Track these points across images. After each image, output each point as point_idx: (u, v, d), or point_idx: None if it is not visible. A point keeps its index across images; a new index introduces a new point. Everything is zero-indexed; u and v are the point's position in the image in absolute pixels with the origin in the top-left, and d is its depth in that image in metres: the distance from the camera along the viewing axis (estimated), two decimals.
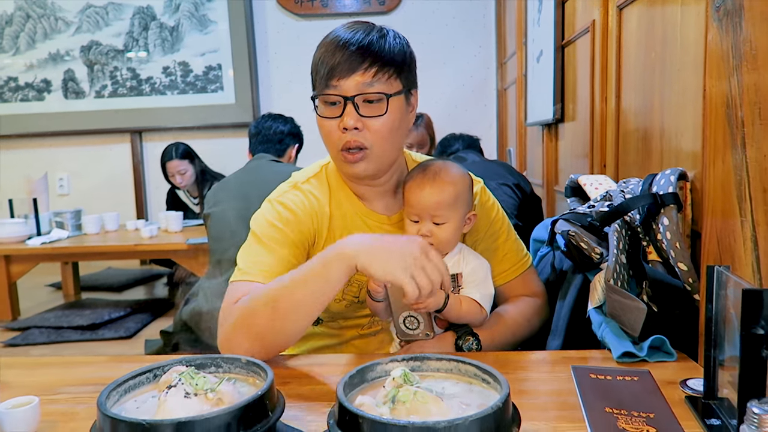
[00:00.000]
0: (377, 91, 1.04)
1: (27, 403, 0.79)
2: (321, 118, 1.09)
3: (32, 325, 3.19)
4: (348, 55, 1.03)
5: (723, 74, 0.89)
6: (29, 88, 4.66)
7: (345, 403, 0.62)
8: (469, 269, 1.12)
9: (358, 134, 1.05)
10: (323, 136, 1.11)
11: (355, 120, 1.04)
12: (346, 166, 1.10)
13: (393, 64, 1.06)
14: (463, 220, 1.12)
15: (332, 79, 1.04)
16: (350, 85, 1.04)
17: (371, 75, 1.04)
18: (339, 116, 1.06)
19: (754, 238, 0.82)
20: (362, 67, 1.03)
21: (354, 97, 1.04)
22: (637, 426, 0.76)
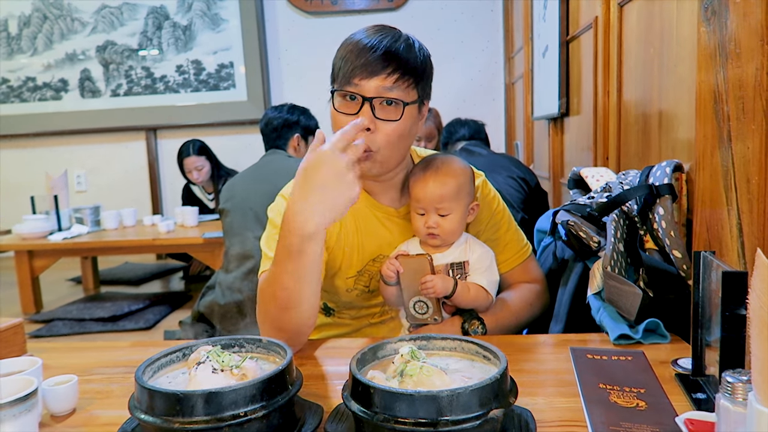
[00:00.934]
0: (396, 96, 1.08)
1: (67, 381, 0.87)
2: (336, 112, 1.12)
3: (55, 317, 3.29)
4: (373, 59, 1.07)
5: (711, 71, 0.94)
6: (47, 88, 4.77)
7: (358, 376, 0.69)
8: (476, 257, 1.18)
9: (368, 135, 1.09)
10: (334, 129, 1.13)
11: (369, 120, 1.08)
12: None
13: (414, 73, 1.10)
14: (467, 211, 1.17)
15: (354, 78, 1.08)
16: (371, 87, 1.07)
17: (392, 80, 1.07)
18: (355, 113, 1.09)
19: (739, 226, 0.88)
20: (385, 72, 1.07)
21: (373, 98, 1.08)
22: (628, 400, 0.82)
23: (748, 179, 0.85)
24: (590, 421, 0.76)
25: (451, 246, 1.18)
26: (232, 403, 0.67)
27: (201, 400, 0.66)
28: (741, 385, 0.59)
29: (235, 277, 2.35)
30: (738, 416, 0.58)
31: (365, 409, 0.66)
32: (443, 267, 1.16)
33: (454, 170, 1.16)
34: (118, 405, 0.88)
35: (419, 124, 1.17)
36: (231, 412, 0.67)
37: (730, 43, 0.88)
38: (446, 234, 1.15)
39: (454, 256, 1.17)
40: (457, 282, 1.13)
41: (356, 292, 1.23)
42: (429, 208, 1.14)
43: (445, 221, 1.14)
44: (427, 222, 1.15)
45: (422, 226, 1.15)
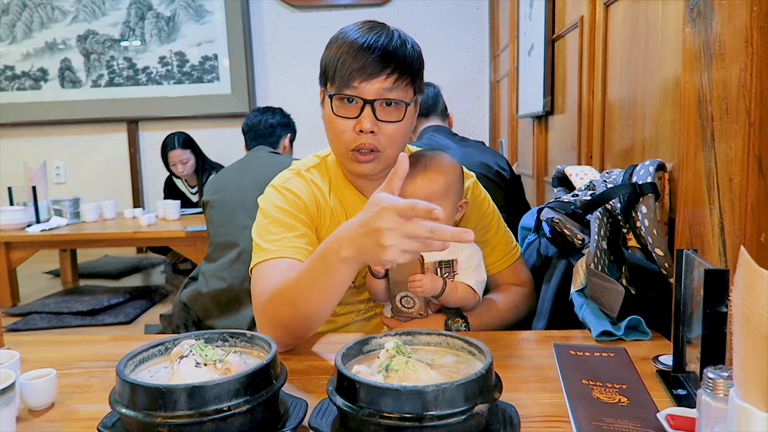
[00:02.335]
0: (397, 97, 1.07)
1: (45, 375, 0.85)
2: (334, 116, 1.09)
3: (33, 311, 3.24)
4: (372, 60, 1.05)
5: (695, 71, 0.95)
6: (26, 77, 4.68)
7: (343, 370, 0.68)
8: (464, 256, 1.18)
9: (372, 137, 1.08)
10: (333, 134, 1.11)
11: (372, 123, 1.07)
12: (354, 165, 1.12)
13: (411, 71, 1.09)
14: (455, 209, 1.17)
15: (354, 80, 1.05)
16: (372, 89, 1.06)
17: (392, 81, 1.06)
18: (355, 117, 1.08)
19: (721, 224, 0.89)
20: (385, 73, 1.06)
21: (374, 101, 1.06)
22: (610, 395, 0.83)
23: (731, 179, 0.86)
24: (573, 417, 0.76)
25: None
26: (215, 398, 0.66)
27: (184, 394, 0.65)
28: (722, 381, 0.60)
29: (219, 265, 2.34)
30: (719, 412, 0.59)
31: (350, 404, 0.66)
32: (431, 265, 1.16)
33: (443, 168, 1.15)
34: (98, 399, 0.87)
35: (415, 117, 1.17)
36: (214, 407, 0.66)
37: (715, 44, 0.89)
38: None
39: (442, 254, 1.17)
40: (446, 282, 1.13)
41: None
42: None
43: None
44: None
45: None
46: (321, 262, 0.90)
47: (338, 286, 0.92)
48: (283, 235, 1.11)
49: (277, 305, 0.99)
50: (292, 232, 1.12)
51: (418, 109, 1.18)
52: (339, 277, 0.90)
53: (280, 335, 0.99)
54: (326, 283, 0.91)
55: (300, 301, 0.95)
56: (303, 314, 0.97)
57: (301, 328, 1.00)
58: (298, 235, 1.11)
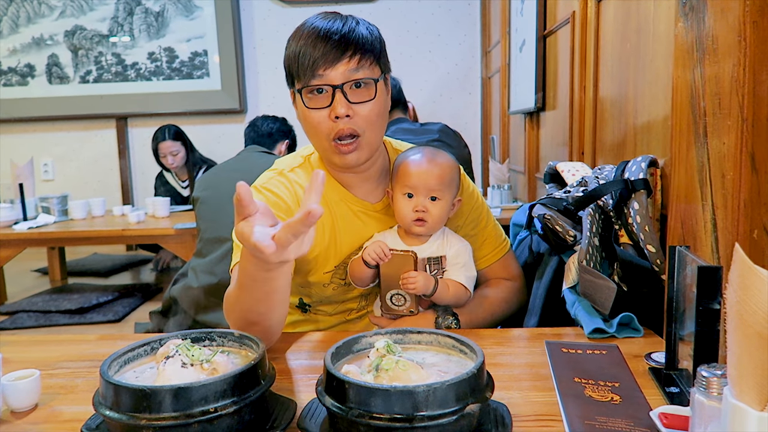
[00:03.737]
0: (364, 76, 1.07)
1: (28, 375, 0.84)
2: (308, 110, 1.08)
3: (20, 309, 3.21)
4: (331, 45, 1.04)
5: (688, 66, 0.95)
6: (12, 73, 4.62)
7: (332, 371, 0.67)
8: (453, 252, 1.17)
9: (349, 121, 1.07)
10: (310, 128, 1.10)
11: (345, 107, 1.06)
12: (338, 157, 1.11)
13: (372, 50, 1.09)
14: (452, 203, 1.17)
15: (318, 69, 1.05)
16: (338, 74, 1.05)
17: (356, 62, 1.06)
18: (328, 106, 1.07)
19: (714, 221, 0.88)
20: (347, 55, 1.05)
21: (342, 84, 1.06)
22: (603, 394, 0.82)
23: (723, 175, 0.86)
24: (565, 415, 0.75)
25: (429, 240, 1.17)
26: (201, 399, 0.65)
27: (169, 395, 0.64)
28: (716, 379, 0.59)
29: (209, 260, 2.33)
30: (713, 411, 0.58)
31: (339, 404, 0.65)
32: (420, 261, 1.15)
33: (449, 160, 1.17)
34: (82, 400, 0.85)
35: (389, 98, 1.17)
36: (200, 408, 0.65)
37: (708, 39, 0.89)
38: (433, 220, 1.13)
39: (431, 250, 1.16)
40: (437, 282, 1.12)
41: (333, 286, 1.21)
42: (421, 190, 1.12)
43: (434, 206, 1.13)
44: (417, 206, 1.12)
45: (410, 210, 1.12)
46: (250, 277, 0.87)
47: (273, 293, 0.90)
48: None
49: (231, 313, 0.98)
50: None
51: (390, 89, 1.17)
52: (268, 284, 0.87)
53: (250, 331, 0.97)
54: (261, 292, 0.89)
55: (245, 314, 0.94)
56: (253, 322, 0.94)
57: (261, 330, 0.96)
58: None
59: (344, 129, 1.07)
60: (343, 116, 1.06)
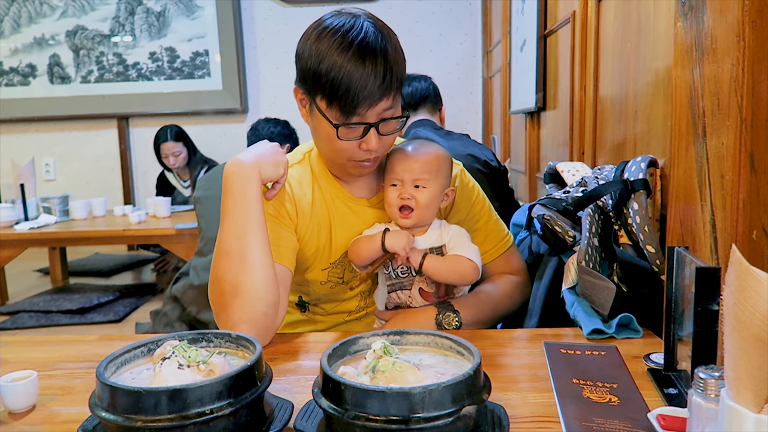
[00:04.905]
0: (396, 115, 1.09)
1: (26, 377, 0.84)
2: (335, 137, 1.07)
3: (21, 309, 3.21)
4: (375, 87, 1.02)
5: (687, 66, 0.94)
6: (14, 73, 4.63)
7: (328, 372, 0.67)
8: (450, 236, 1.18)
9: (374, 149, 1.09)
10: (333, 150, 1.11)
11: (377, 141, 1.08)
12: (354, 170, 1.14)
13: (401, 82, 1.09)
14: (442, 193, 1.16)
15: (359, 108, 1.03)
16: (375, 113, 1.05)
17: (391, 99, 1.06)
18: (359, 137, 1.07)
19: (713, 221, 0.88)
20: (387, 95, 1.04)
21: (378, 123, 1.06)
22: (601, 395, 0.82)
23: (722, 175, 0.85)
24: (563, 417, 0.75)
25: (428, 231, 1.17)
26: (197, 401, 0.65)
27: (165, 397, 0.64)
28: (713, 381, 0.59)
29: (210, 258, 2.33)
30: (710, 412, 0.58)
31: (336, 406, 0.65)
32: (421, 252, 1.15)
33: (436, 149, 1.18)
34: (80, 401, 0.85)
35: None
36: (196, 410, 0.64)
37: (707, 39, 0.88)
38: (420, 209, 1.13)
39: (431, 241, 1.16)
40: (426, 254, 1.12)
41: (330, 284, 1.22)
42: (406, 178, 1.13)
43: (419, 194, 1.13)
44: (402, 193, 1.13)
45: (396, 198, 1.13)
46: (229, 197, 1.05)
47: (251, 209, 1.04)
48: None
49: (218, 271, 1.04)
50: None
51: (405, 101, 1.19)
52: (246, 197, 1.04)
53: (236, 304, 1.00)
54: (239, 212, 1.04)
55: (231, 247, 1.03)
56: (241, 260, 1.01)
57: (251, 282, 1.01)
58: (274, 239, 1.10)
59: (370, 158, 1.11)
60: (373, 149, 1.08)
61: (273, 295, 1.03)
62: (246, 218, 1.03)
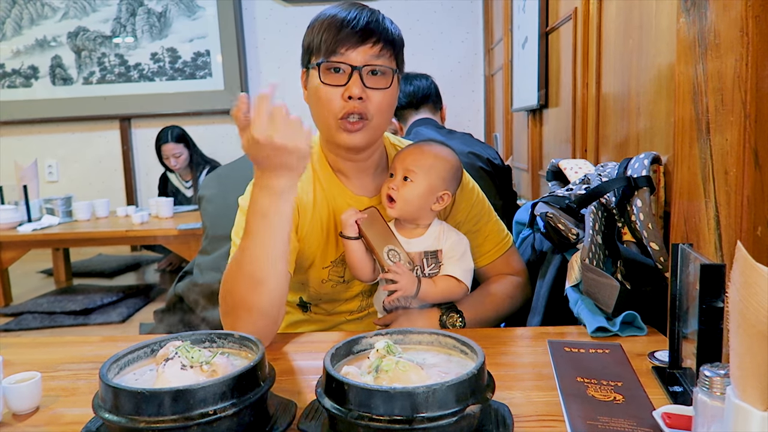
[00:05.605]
0: (383, 64, 1.09)
1: (29, 378, 0.83)
2: (322, 86, 1.08)
3: (25, 311, 3.22)
4: (357, 29, 1.06)
5: (690, 62, 0.94)
6: (16, 75, 4.64)
7: (332, 372, 0.67)
8: (449, 245, 1.17)
9: (361, 104, 1.08)
10: (321, 105, 1.10)
11: (360, 89, 1.07)
12: (342, 135, 1.10)
13: (394, 44, 1.11)
14: (432, 193, 1.15)
15: (341, 47, 1.06)
16: (358, 55, 1.07)
17: (378, 49, 1.08)
18: (343, 84, 1.07)
19: (717, 218, 0.88)
20: (370, 41, 1.07)
21: (362, 67, 1.07)
22: (606, 393, 0.81)
23: (726, 171, 0.85)
24: (567, 416, 0.75)
25: (426, 233, 1.16)
26: (201, 401, 0.64)
27: (168, 398, 0.64)
28: (719, 379, 0.58)
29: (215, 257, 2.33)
30: (716, 410, 0.58)
31: (339, 406, 0.64)
32: (417, 255, 1.15)
33: (439, 149, 1.18)
34: (83, 403, 0.85)
35: (397, 96, 1.17)
36: (200, 411, 0.64)
37: (710, 35, 0.88)
38: (401, 201, 1.13)
39: (427, 243, 1.15)
40: (420, 281, 1.12)
41: (331, 283, 1.21)
42: (398, 169, 1.15)
43: (405, 187, 1.14)
44: (390, 183, 1.15)
45: (385, 187, 1.15)
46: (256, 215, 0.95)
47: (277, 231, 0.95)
48: None
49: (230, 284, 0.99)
50: None
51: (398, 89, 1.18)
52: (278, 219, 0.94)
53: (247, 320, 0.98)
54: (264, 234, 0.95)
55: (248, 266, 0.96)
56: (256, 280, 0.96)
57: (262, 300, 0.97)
58: None
59: (355, 108, 1.08)
60: (356, 97, 1.07)
61: (282, 311, 1.03)
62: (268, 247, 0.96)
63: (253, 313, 0.98)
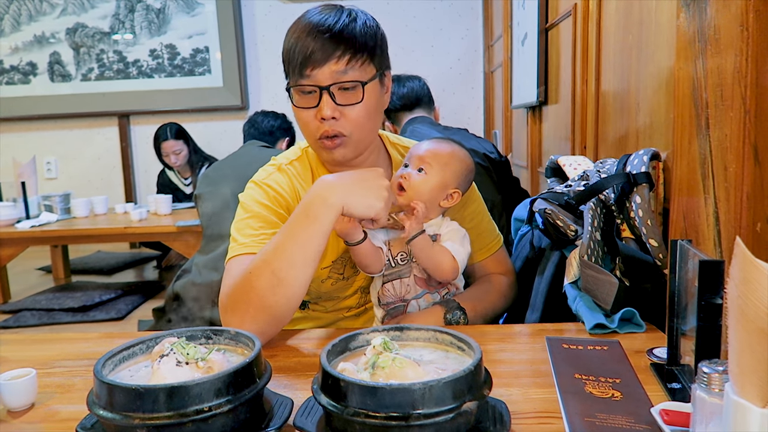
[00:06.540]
0: (352, 79, 1.05)
1: (25, 375, 0.83)
2: (297, 109, 1.09)
3: (23, 308, 3.21)
4: (321, 43, 1.03)
5: (690, 58, 0.93)
6: (15, 71, 4.63)
7: (328, 368, 0.66)
8: (448, 230, 1.17)
9: (335, 123, 1.06)
10: (301, 125, 1.12)
11: (332, 110, 1.05)
12: (324, 153, 1.12)
13: (365, 49, 1.06)
14: (444, 189, 1.15)
15: (306, 69, 1.04)
16: (325, 75, 1.04)
17: (345, 62, 1.04)
18: (315, 106, 1.06)
19: (716, 214, 0.87)
20: (335, 55, 1.03)
21: (329, 86, 1.04)
22: (603, 390, 0.81)
23: (726, 167, 0.84)
24: (565, 413, 0.74)
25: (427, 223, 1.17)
26: (196, 398, 0.64)
27: (162, 394, 0.63)
28: (717, 375, 0.58)
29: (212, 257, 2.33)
30: (714, 407, 0.57)
31: (335, 402, 0.64)
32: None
33: (458, 148, 1.18)
34: (79, 399, 0.85)
35: (385, 96, 1.15)
36: (195, 407, 0.64)
37: (710, 30, 0.87)
38: (412, 190, 1.12)
39: (429, 230, 1.16)
40: (424, 230, 1.12)
41: (331, 281, 1.21)
42: (414, 160, 1.14)
43: (418, 177, 1.13)
44: (404, 173, 1.14)
45: (397, 176, 1.14)
46: (303, 215, 0.97)
47: (318, 238, 0.97)
48: (262, 231, 1.10)
49: (252, 279, 0.98)
50: (271, 228, 1.10)
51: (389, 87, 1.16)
52: (320, 225, 0.96)
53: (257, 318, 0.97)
54: (305, 235, 0.96)
55: (279, 263, 0.96)
56: (282, 280, 0.96)
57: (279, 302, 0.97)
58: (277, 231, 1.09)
59: (329, 130, 1.07)
60: (329, 118, 1.06)
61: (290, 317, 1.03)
62: (305, 251, 0.97)
63: (266, 313, 0.98)
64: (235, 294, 1.00)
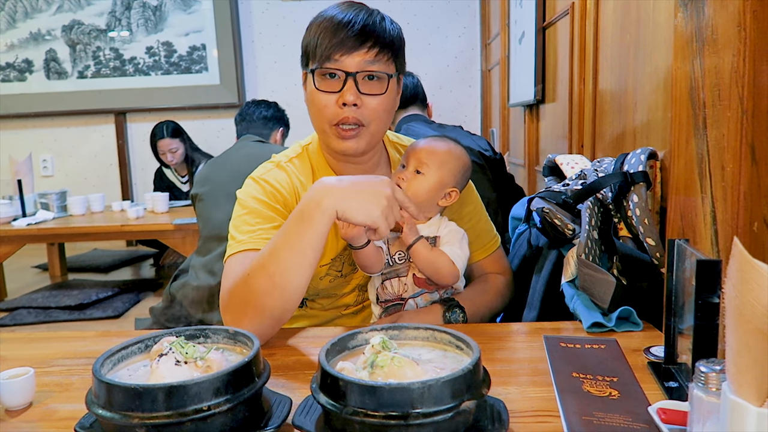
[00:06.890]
0: (378, 69, 1.07)
1: (23, 374, 0.83)
2: (316, 92, 1.08)
3: (20, 306, 3.21)
4: (352, 34, 1.05)
5: (687, 57, 0.93)
6: (10, 69, 4.61)
7: (326, 368, 0.66)
8: (447, 231, 1.18)
9: (355, 111, 1.07)
10: (315, 110, 1.10)
11: (355, 96, 1.06)
12: (337, 142, 1.10)
13: (392, 47, 1.08)
14: (441, 189, 1.15)
15: (335, 54, 1.05)
16: (353, 62, 1.05)
17: (374, 54, 1.06)
18: (338, 91, 1.07)
19: (713, 213, 0.87)
20: (366, 46, 1.05)
21: (356, 73, 1.06)
22: (601, 388, 0.81)
23: (723, 166, 0.85)
24: (563, 411, 0.75)
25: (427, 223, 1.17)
26: (195, 397, 0.64)
27: (161, 393, 0.63)
28: (714, 374, 0.58)
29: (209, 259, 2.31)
30: (711, 406, 0.58)
31: (334, 401, 0.64)
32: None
33: (454, 146, 1.18)
34: (77, 398, 0.85)
35: (398, 97, 1.17)
36: (194, 406, 0.64)
37: (707, 29, 0.87)
38: (410, 192, 1.13)
39: (427, 231, 1.16)
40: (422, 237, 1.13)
41: (329, 278, 1.21)
42: (412, 161, 1.15)
43: (416, 179, 1.14)
44: (401, 174, 1.14)
45: (395, 177, 1.15)
46: (297, 219, 0.96)
47: (313, 242, 0.95)
48: (260, 226, 1.09)
49: (250, 282, 0.97)
50: (269, 223, 1.10)
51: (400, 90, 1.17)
52: (314, 229, 0.94)
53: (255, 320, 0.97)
54: (299, 240, 0.95)
55: (275, 268, 0.95)
56: (277, 284, 0.95)
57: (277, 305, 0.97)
58: (275, 227, 1.09)
59: (349, 117, 1.07)
60: (350, 104, 1.06)
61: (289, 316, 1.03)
62: (300, 256, 0.96)
63: (264, 315, 0.98)
64: (233, 294, 1.00)
